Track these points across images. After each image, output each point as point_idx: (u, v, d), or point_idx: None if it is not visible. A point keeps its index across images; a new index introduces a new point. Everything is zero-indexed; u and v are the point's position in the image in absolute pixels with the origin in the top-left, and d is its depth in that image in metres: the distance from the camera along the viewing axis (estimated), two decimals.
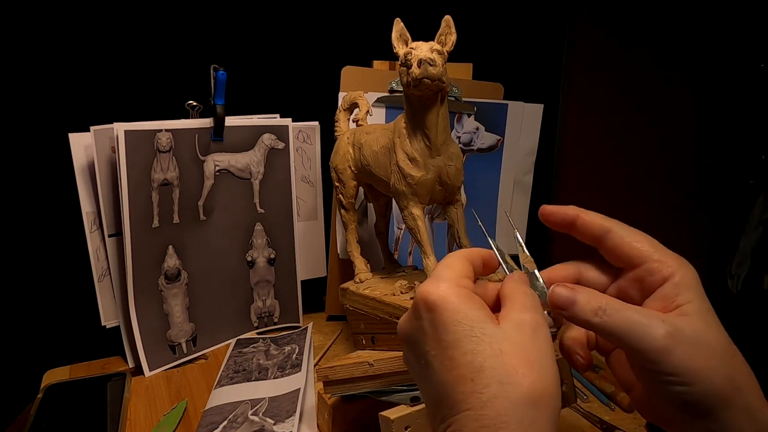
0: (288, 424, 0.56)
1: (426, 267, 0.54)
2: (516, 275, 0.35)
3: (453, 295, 0.31)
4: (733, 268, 1.23)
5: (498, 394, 0.28)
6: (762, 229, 1.20)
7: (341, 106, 0.70)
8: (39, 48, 0.74)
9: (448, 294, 0.31)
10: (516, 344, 0.29)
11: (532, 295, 0.33)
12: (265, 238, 0.79)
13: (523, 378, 0.28)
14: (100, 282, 0.70)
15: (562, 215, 0.37)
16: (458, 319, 0.30)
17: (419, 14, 0.59)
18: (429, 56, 0.47)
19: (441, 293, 0.31)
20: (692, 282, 0.33)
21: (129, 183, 0.65)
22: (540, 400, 0.28)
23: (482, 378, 0.28)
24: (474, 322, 0.30)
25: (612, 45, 1.13)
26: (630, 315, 0.31)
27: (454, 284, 0.32)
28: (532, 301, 0.32)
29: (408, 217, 0.55)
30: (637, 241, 0.34)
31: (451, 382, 0.29)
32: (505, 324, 0.30)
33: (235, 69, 0.72)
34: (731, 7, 1.17)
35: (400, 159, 0.54)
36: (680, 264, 0.33)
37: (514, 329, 0.30)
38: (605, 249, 0.36)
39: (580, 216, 0.37)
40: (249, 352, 0.73)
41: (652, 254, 0.34)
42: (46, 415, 0.60)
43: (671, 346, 0.30)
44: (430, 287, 0.31)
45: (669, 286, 0.33)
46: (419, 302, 0.31)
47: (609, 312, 0.31)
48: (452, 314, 0.30)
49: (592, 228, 0.36)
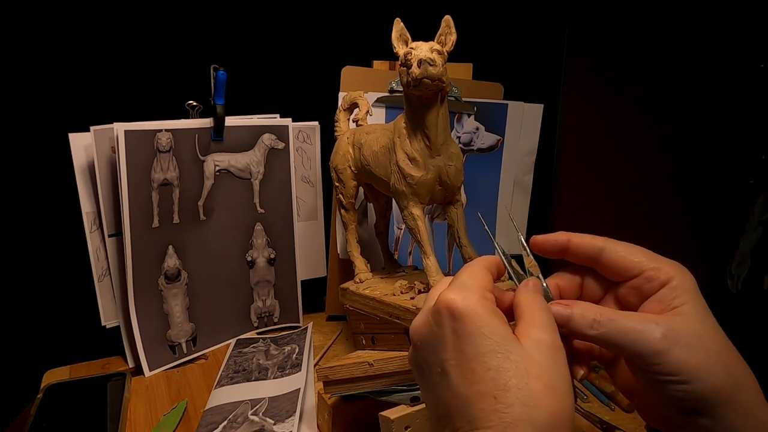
0: (288, 424, 0.56)
1: (426, 267, 0.54)
2: (531, 284, 0.35)
3: (480, 306, 0.30)
4: (733, 268, 1.23)
5: (522, 416, 0.27)
6: (762, 229, 1.20)
7: (341, 106, 0.70)
8: (39, 48, 0.74)
9: (475, 305, 0.30)
10: (539, 366, 0.29)
11: (548, 309, 0.32)
12: (265, 238, 0.79)
13: (546, 402, 0.28)
14: (100, 282, 0.70)
15: (553, 243, 0.37)
16: (484, 332, 0.29)
17: (419, 14, 0.59)
18: (429, 56, 0.47)
19: (469, 304, 0.30)
20: (689, 285, 0.33)
21: (129, 183, 0.65)
22: (560, 427, 0.28)
23: (506, 397, 0.28)
24: (500, 338, 0.29)
25: (612, 45, 1.13)
26: (625, 323, 0.31)
27: (481, 296, 0.31)
28: (549, 318, 0.32)
29: (408, 217, 0.55)
30: (632, 254, 0.35)
31: (471, 396, 0.29)
32: (527, 343, 0.30)
33: (235, 69, 0.72)
34: (731, 7, 1.17)
35: (400, 159, 0.54)
36: (677, 269, 0.34)
37: (536, 349, 0.29)
38: (601, 267, 0.36)
39: (571, 240, 0.37)
40: (249, 352, 0.73)
41: (648, 263, 0.34)
42: (46, 415, 0.60)
43: (668, 347, 0.30)
44: (457, 295, 0.31)
45: (666, 290, 0.33)
46: (443, 309, 0.31)
47: (603, 323, 0.32)
48: (479, 327, 0.30)
49: (584, 250, 0.37)
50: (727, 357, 0.32)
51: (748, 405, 0.31)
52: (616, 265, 0.36)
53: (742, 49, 1.18)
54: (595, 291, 0.38)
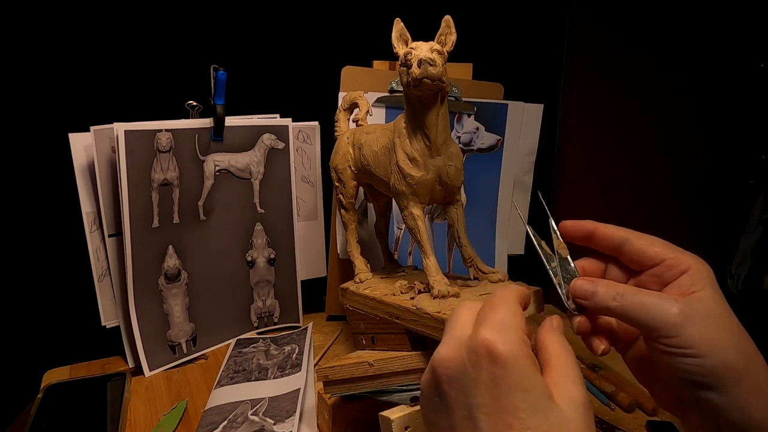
0: (288, 424, 0.56)
1: (426, 267, 0.54)
2: (555, 323, 0.34)
3: (523, 356, 0.29)
4: (733, 268, 1.23)
5: None
6: (762, 229, 1.20)
7: (341, 106, 0.70)
8: (39, 48, 0.74)
9: (518, 353, 0.29)
10: (575, 429, 0.28)
11: (574, 358, 0.32)
12: (265, 238, 0.79)
13: None
14: (100, 282, 0.70)
15: (581, 229, 0.40)
16: (526, 386, 0.28)
17: (419, 14, 0.59)
18: (429, 56, 0.47)
19: (512, 349, 0.29)
20: (706, 274, 0.36)
21: (129, 183, 0.65)
22: None
23: None
24: (540, 395, 0.29)
25: (612, 45, 1.13)
26: (645, 297, 0.34)
27: (522, 341, 0.30)
28: (578, 369, 0.31)
29: (408, 217, 0.55)
30: (653, 244, 0.37)
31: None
32: (563, 402, 0.29)
33: (235, 69, 0.72)
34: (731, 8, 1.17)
35: (400, 159, 0.54)
36: (696, 260, 0.36)
37: (572, 410, 0.29)
38: (624, 256, 0.39)
39: (598, 228, 0.40)
40: (249, 352, 0.73)
41: (669, 253, 0.37)
42: (46, 415, 0.60)
43: (685, 321, 0.32)
44: (498, 337, 0.29)
45: (685, 277, 0.35)
46: (482, 350, 0.29)
47: (626, 296, 0.34)
48: (520, 379, 0.29)
49: (609, 239, 0.39)
50: (740, 337, 0.33)
51: (759, 383, 0.33)
52: (637, 255, 0.38)
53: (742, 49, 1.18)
54: (618, 277, 0.39)
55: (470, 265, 0.56)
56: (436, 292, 0.50)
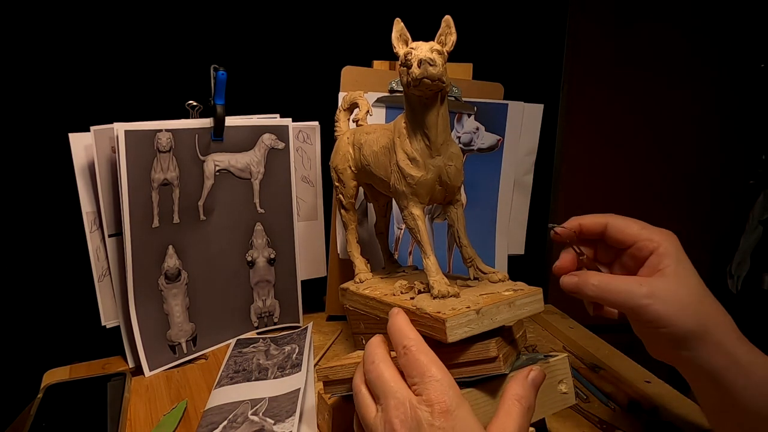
0: (288, 424, 0.56)
1: (426, 267, 0.54)
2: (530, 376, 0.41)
3: (466, 411, 0.37)
4: (733, 268, 1.23)
5: None
6: (762, 229, 1.20)
7: (341, 106, 0.70)
8: (39, 48, 0.74)
9: (464, 407, 0.37)
10: None
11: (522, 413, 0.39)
12: (265, 238, 0.79)
13: None
14: (100, 282, 0.70)
15: (569, 232, 0.48)
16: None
17: (419, 14, 0.59)
18: (429, 56, 0.47)
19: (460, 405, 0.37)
20: (672, 250, 0.44)
21: (129, 183, 0.65)
22: None
23: None
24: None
25: (612, 45, 1.13)
26: (617, 285, 0.43)
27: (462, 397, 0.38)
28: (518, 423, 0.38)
29: (408, 217, 0.55)
30: (628, 227, 0.45)
31: None
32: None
33: (235, 69, 0.72)
34: (731, 8, 1.17)
35: (400, 159, 0.54)
36: (663, 237, 0.44)
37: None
38: (607, 239, 0.47)
39: (581, 222, 0.47)
40: (249, 352, 0.73)
41: (641, 234, 0.45)
42: (46, 415, 0.60)
43: (648, 302, 0.41)
44: (446, 394, 0.37)
45: (654, 257, 0.44)
46: (435, 408, 0.36)
47: (601, 286, 0.43)
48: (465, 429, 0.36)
49: (592, 227, 0.47)
50: (699, 307, 0.42)
51: (718, 342, 0.41)
52: (616, 237, 0.46)
53: (742, 49, 1.18)
54: (607, 257, 0.49)
55: (470, 265, 0.56)
56: (436, 292, 0.50)
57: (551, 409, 0.49)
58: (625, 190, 1.21)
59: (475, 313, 0.46)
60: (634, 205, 1.17)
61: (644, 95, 1.18)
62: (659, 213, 1.26)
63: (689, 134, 1.24)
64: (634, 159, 1.22)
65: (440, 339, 0.46)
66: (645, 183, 1.22)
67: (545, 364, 0.49)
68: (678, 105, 1.21)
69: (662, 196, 1.24)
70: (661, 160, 1.23)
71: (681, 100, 1.21)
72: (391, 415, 0.37)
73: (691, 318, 0.41)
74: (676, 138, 1.23)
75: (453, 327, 0.45)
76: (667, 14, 1.15)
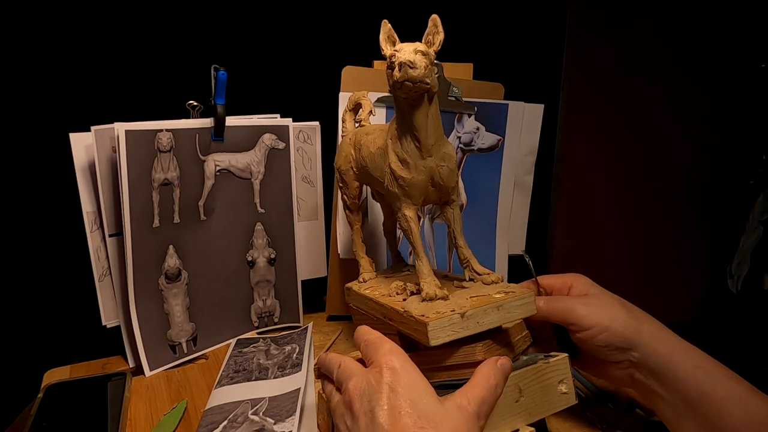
0: (288, 423, 0.56)
1: (417, 269, 0.53)
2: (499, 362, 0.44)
3: (411, 368, 0.41)
4: (733, 268, 1.23)
5: None
6: (762, 229, 1.20)
7: (347, 106, 0.70)
8: (39, 48, 0.74)
9: (408, 366, 0.41)
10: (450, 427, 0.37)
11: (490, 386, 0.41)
12: (266, 238, 0.79)
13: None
14: (100, 282, 0.70)
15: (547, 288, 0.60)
16: (415, 388, 0.39)
17: (419, 14, 0.59)
18: (410, 59, 0.47)
19: (403, 364, 0.41)
20: (586, 282, 0.56)
21: (129, 183, 0.65)
22: None
23: None
24: (425, 395, 0.39)
25: (612, 45, 1.13)
26: (558, 305, 0.53)
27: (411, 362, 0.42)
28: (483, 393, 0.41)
29: (401, 218, 0.55)
30: (558, 282, 0.58)
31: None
32: (451, 407, 0.39)
33: (236, 69, 0.72)
34: (732, 7, 1.17)
35: (392, 161, 0.53)
36: (574, 277, 0.57)
37: (456, 412, 0.38)
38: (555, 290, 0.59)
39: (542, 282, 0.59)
40: (249, 352, 0.73)
41: (555, 283, 0.58)
42: (46, 415, 0.60)
43: (584, 315, 0.51)
44: (392, 357, 0.41)
45: (574, 289, 0.56)
46: (383, 366, 0.40)
47: (547, 307, 0.53)
48: (410, 383, 0.39)
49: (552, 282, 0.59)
50: (624, 317, 0.51)
51: (648, 342, 0.50)
52: (550, 290, 0.59)
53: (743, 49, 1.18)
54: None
55: (466, 266, 0.55)
56: (424, 294, 0.50)
57: (551, 409, 0.49)
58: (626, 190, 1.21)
59: (460, 317, 0.46)
60: (634, 205, 1.17)
61: (644, 95, 1.18)
62: (659, 213, 1.26)
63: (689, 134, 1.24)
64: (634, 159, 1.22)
65: (423, 342, 0.46)
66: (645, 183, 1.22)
67: (545, 364, 0.49)
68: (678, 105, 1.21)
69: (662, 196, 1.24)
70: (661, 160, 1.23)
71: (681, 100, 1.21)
72: (350, 391, 0.40)
73: (617, 326, 0.50)
74: (677, 138, 1.23)
75: (435, 330, 0.45)
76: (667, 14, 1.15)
